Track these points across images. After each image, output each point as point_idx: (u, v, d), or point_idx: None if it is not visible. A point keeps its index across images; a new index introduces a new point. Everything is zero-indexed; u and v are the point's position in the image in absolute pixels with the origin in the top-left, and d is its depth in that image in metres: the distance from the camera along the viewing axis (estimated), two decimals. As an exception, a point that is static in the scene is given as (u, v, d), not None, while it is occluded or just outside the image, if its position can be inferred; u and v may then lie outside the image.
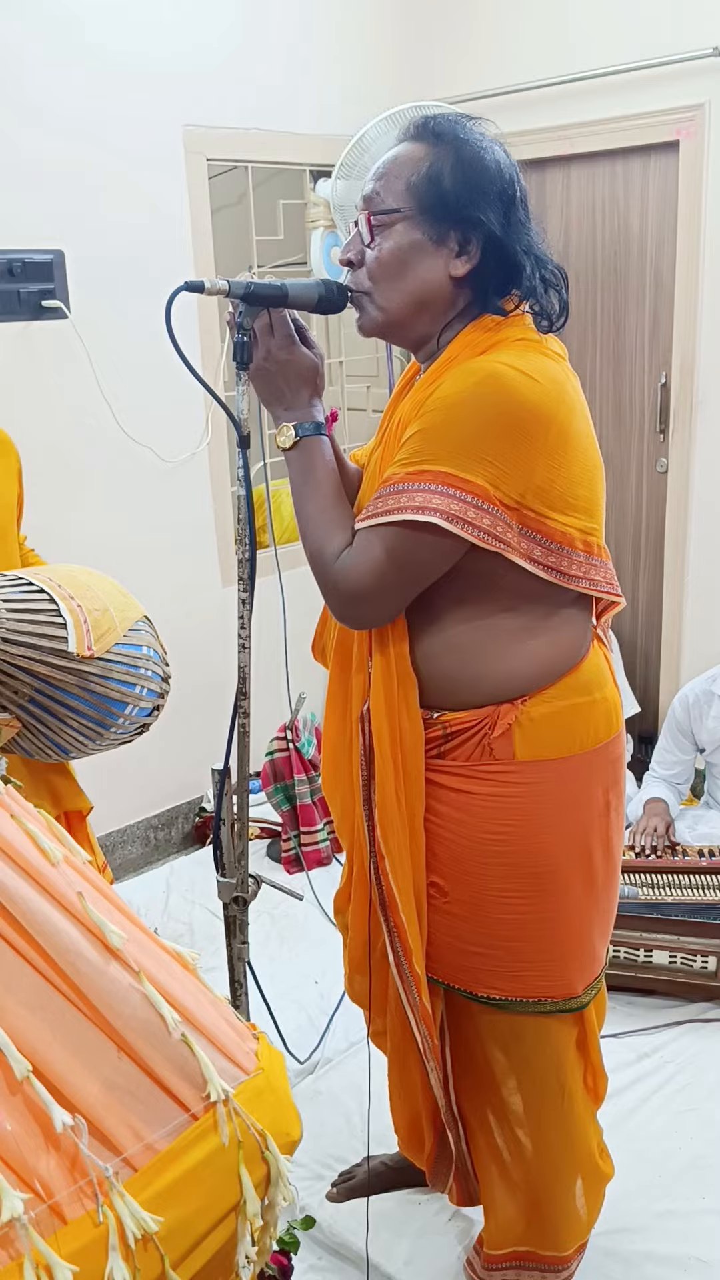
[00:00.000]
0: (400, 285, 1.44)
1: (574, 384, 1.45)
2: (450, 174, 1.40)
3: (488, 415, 1.34)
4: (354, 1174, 2.13)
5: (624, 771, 1.64)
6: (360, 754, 1.56)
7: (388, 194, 1.43)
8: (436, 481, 1.35)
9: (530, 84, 3.53)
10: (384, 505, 1.39)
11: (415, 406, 1.43)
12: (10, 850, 0.97)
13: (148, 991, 0.96)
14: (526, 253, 1.43)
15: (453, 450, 1.35)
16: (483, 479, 1.35)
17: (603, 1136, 1.83)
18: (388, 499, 1.39)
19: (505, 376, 1.34)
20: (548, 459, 1.38)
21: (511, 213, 1.42)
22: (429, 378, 1.44)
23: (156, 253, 3.16)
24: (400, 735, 1.50)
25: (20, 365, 2.93)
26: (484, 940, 1.57)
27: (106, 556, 3.24)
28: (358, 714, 1.56)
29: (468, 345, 1.43)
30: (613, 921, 1.69)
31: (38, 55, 2.82)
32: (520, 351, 1.39)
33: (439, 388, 1.38)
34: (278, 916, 3.01)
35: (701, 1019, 2.57)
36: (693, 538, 3.60)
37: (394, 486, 1.39)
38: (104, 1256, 0.87)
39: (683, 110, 3.28)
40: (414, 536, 1.38)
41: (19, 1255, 0.84)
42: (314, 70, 3.51)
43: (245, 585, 1.64)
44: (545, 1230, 1.76)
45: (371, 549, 1.41)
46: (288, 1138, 1.02)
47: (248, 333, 1.48)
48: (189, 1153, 0.94)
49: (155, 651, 1.79)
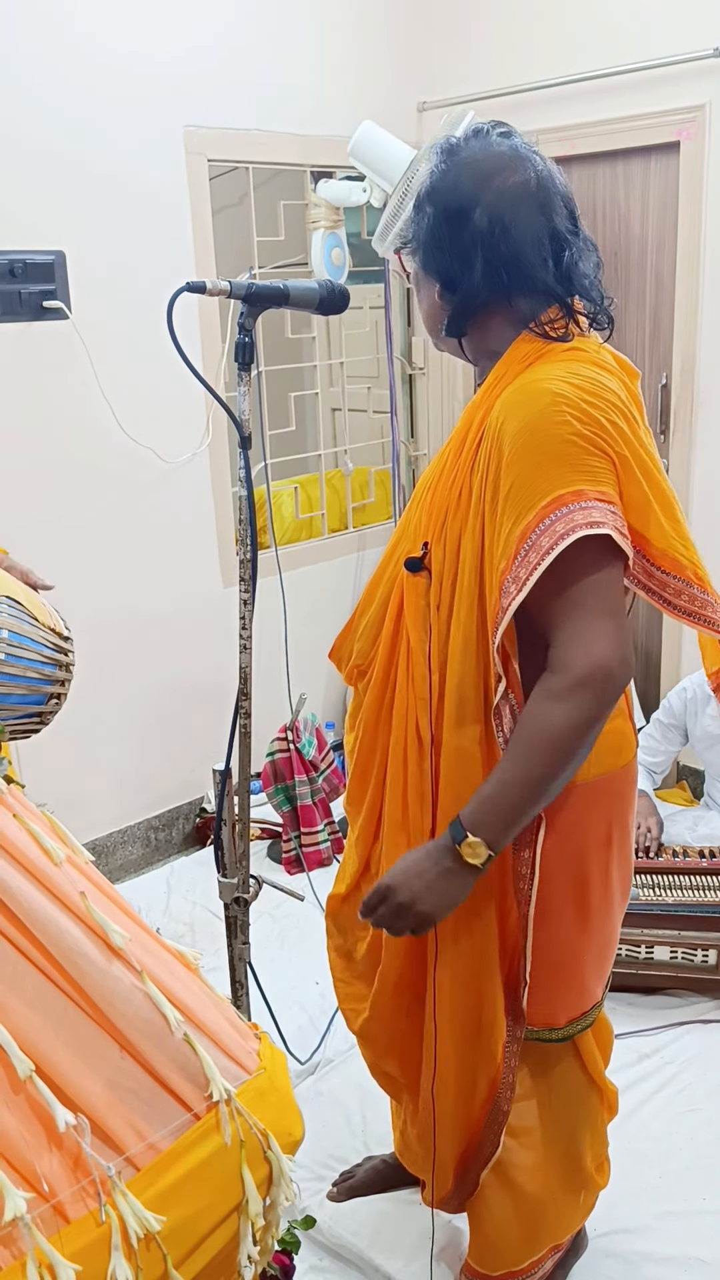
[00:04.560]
0: (421, 308, 1.52)
1: (631, 390, 1.45)
2: (444, 221, 1.42)
3: (566, 432, 1.32)
4: (354, 1174, 2.13)
5: (633, 805, 1.59)
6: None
7: (406, 223, 1.51)
8: (573, 500, 1.30)
9: (530, 85, 3.53)
10: (540, 554, 1.29)
11: (469, 425, 1.43)
12: (13, 850, 0.97)
13: (150, 991, 0.96)
14: (514, 260, 1.40)
15: (562, 473, 1.32)
16: (607, 485, 1.34)
17: (607, 1149, 1.82)
18: (539, 544, 1.29)
19: (565, 395, 1.33)
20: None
21: (498, 252, 1.39)
22: (482, 395, 1.44)
23: (157, 253, 3.16)
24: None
25: (21, 366, 2.93)
26: None
27: (107, 557, 3.26)
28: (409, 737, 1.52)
29: (514, 360, 1.42)
30: (611, 957, 1.66)
31: (39, 56, 2.83)
32: (570, 361, 1.39)
33: (504, 427, 1.35)
34: (278, 917, 3.02)
35: (703, 1020, 2.57)
36: (693, 539, 3.60)
37: (550, 518, 1.30)
38: (106, 1256, 0.87)
39: (683, 111, 3.28)
40: (602, 562, 1.32)
41: (22, 1254, 0.84)
42: (315, 71, 3.51)
43: (246, 586, 1.64)
44: (534, 1244, 1.76)
45: (585, 622, 1.31)
46: (290, 1137, 1.02)
47: (249, 333, 1.49)
48: (191, 1152, 0.94)
49: (20, 635, 1.66)
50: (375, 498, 4.15)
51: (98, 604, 3.13)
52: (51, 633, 1.73)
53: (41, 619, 1.72)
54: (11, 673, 1.63)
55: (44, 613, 1.74)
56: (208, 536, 3.50)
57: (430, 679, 1.44)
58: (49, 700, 1.72)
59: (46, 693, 1.71)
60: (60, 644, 1.75)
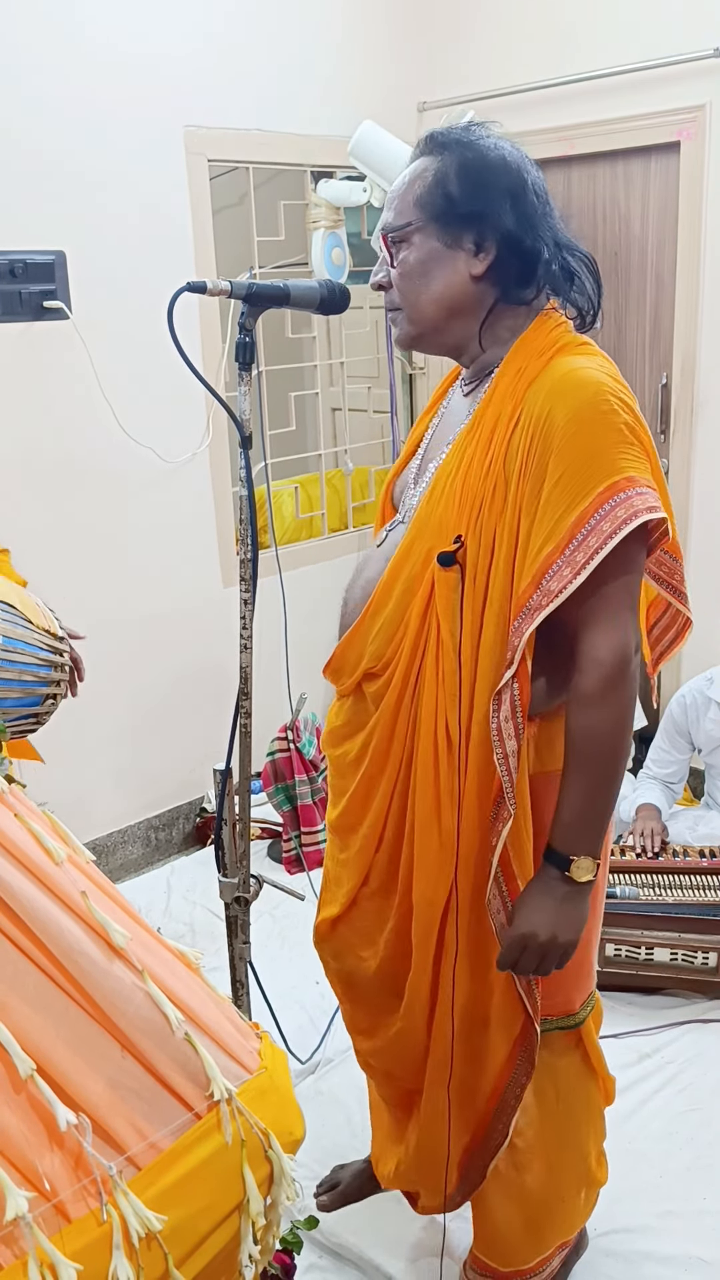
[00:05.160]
0: (426, 294, 1.46)
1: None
2: (455, 178, 1.42)
3: (616, 421, 1.36)
4: (339, 1180, 2.12)
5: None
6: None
7: (399, 214, 1.46)
8: (627, 486, 1.34)
9: (531, 85, 3.53)
10: (601, 538, 1.32)
11: (497, 417, 1.42)
12: (14, 849, 0.97)
13: (151, 991, 0.96)
14: (543, 240, 1.43)
15: (615, 460, 1.35)
16: (648, 472, 1.37)
17: (604, 1141, 1.82)
18: (599, 528, 1.32)
19: (606, 385, 1.38)
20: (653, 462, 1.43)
21: (521, 203, 1.42)
22: (506, 386, 1.43)
23: (158, 253, 3.16)
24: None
25: (22, 366, 2.93)
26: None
27: (107, 557, 3.26)
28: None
29: (532, 353, 1.43)
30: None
31: (39, 56, 2.83)
32: (589, 354, 1.44)
33: (551, 416, 1.36)
34: (279, 917, 3.02)
35: (703, 1019, 2.57)
36: (693, 538, 3.61)
37: (608, 503, 1.33)
38: (108, 1255, 0.87)
39: (684, 111, 3.28)
40: (635, 553, 1.37)
41: (23, 1253, 0.84)
42: (315, 71, 3.51)
43: (247, 586, 1.64)
44: (541, 1243, 1.76)
45: (614, 614, 1.36)
46: (291, 1136, 1.02)
47: (250, 332, 1.49)
48: (192, 1151, 0.94)
49: (13, 639, 1.67)
50: (375, 497, 4.15)
51: (98, 604, 3.13)
52: (46, 634, 1.74)
53: (36, 621, 1.73)
54: (7, 677, 1.64)
55: (38, 614, 1.75)
56: (208, 536, 3.50)
57: (460, 674, 1.44)
58: (44, 701, 1.73)
59: (42, 694, 1.72)
60: (55, 645, 1.75)
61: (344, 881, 1.69)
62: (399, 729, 1.53)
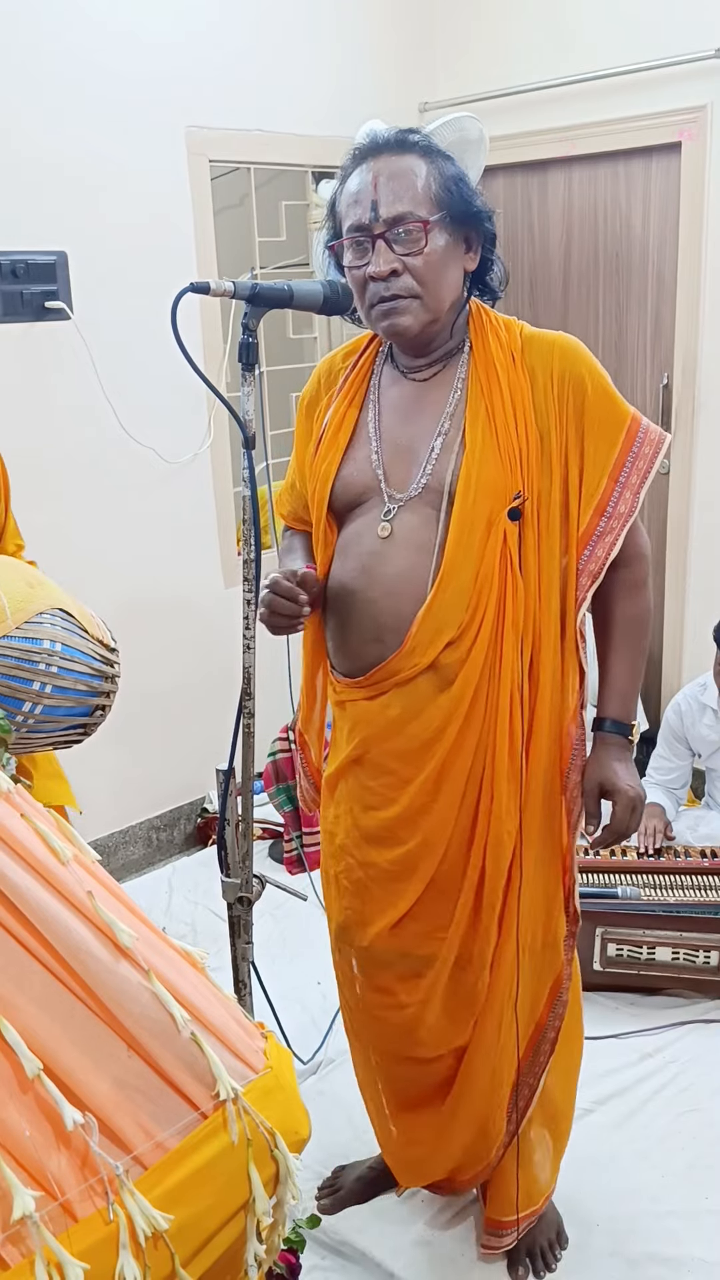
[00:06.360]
0: (445, 283, 1.55)
1: None
2: (454, 181, 1.53)
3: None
4: (337, 1183, 2.13)
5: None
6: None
7: (415, 204, 1.50)
8: (642, 422, 1.62)
9: (532, 85, 3.54)
10: (645, 464, 1.59)
11: (513, 384, 1.56)
12: (21, 849, 0.97)
13: (157, 990, 0.96)
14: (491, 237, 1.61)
15: (622, 401, 1.62)
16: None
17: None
18: (642, 452, 1.60)
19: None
20: None
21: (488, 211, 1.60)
22: (489, 359, 1.58)
23: (159, 254, 3.16)
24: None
25: (23, 366, 2.93)
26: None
27: (108, 558, 3.26)
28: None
29: (496, 328, 1.61)
30: None
31: (41, 56, 2.83)
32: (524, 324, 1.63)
33: (575, 371, 1.57)
34: (280, 917, 3.02)
35: (705, 1019, 2.57)
36: (694, 539, 3.61)
37: (639, 436, 1.60)
38: (114, 1254, 0.87)
39: (685, 111, 3.29)
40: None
41: (30, 1253, 0.84)
42: (317, 72, 3.51)
43: (250, 586, 1.64)
44: (558, 1155, 1.94)
45: (639, 518, 1.63)
46: (296, 1136, 1.02)
47: (253, 333, 1.49)
48: (199, 1151, 0.94)
49: (71, 648, 1.68)
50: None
51: (99, 604, 3.10)
52: (99, 644, 1.74)
53: (90, 631, 1.74)
54: (63, 685, 1.64)
55: (93, 624, 1.76)
56: (209, 537, 3.50)
57: (537, 610, 1.60)
58: (94, 712, 1.72)
59: (92, 704, 1.71)
60: (107, 655, 1.75)
61: (408, 891, 1.69)
62: (483, 688, 1.59)
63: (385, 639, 1.60)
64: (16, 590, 1.66)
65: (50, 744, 1.74)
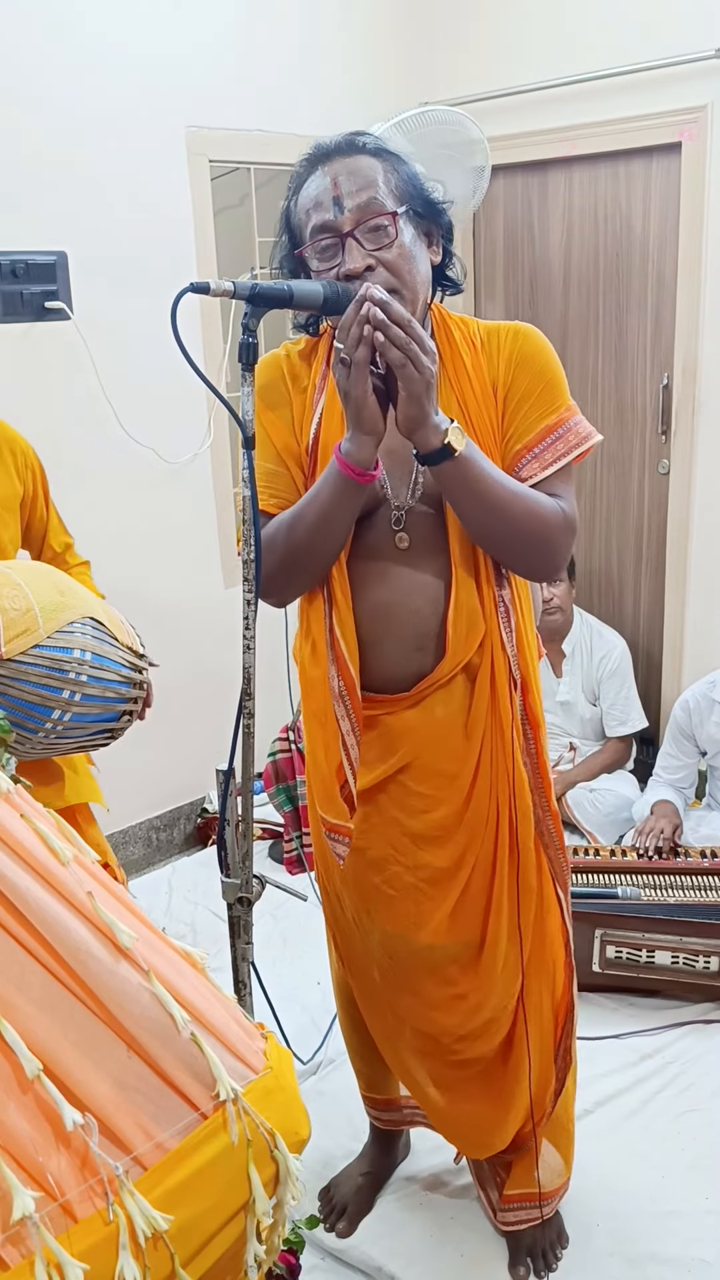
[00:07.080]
0: (419, 276, 1.54)
1: None
2: (410, 176, 1.54)
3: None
4: (338, 1202, 2.11)
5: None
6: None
7: (382, 199, 1.49)
8: (577, 412, 1.63)
9: (533, 85, 3.54)
10: (565, 446, 1.60)
11: (476, 366, 1.60)
12: (20, 850, 0.97)
13: (157, 991, 0.96)
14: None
15: (566, 391, 1.64)
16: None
17: None
18: (564, 440, 1.60)
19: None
20: None
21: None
22: (454, 348, 1.61)
23: (159, 254, 3.16)
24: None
25: (23, 366, 2.93)
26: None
27: (108, 558, 3.24)
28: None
29: (455, 324, 1.64)
30: None
31: (41, 56, 2.83)
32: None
33: (525, 341, 1.61)
34: (280, 917, 3.02)
35: (704, 1020, 2.57)
36: (694, 539, 3.61)
37: (561, 429, 1.60)
38: (114, 1255, 0.87)
39: (685, 112, 3.29)
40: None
41: (30, 1253, 0.84)
42: (317, 71, 3.51)
43: (250, 586, 1.63)
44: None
45: (570, 486, 1.63)
46: (296, 1136, 1.02)
47: (253, 333, 1.49)
48: (199, 1151, 0.94)
49: (102, 656, 1.70)
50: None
51: (99, 604, 3.13)
52: (129, 651, 1.77)
53: (121, 638, 1.76)
54: (92, 693, 1.66)
55: (123, 631, 1.79)
56: (209, 537, 3.50)
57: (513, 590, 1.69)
58: (120, 717, 1.74)
59: (119, 710, 1.73)
60: (136, 662, 1.78)
61: (452, 880, 1.71)
62: (488, 662, 1.63)
63: (426, 645, 1.61)
64: (48, 599, 1.68)
65: (77, 748, 1.77)
